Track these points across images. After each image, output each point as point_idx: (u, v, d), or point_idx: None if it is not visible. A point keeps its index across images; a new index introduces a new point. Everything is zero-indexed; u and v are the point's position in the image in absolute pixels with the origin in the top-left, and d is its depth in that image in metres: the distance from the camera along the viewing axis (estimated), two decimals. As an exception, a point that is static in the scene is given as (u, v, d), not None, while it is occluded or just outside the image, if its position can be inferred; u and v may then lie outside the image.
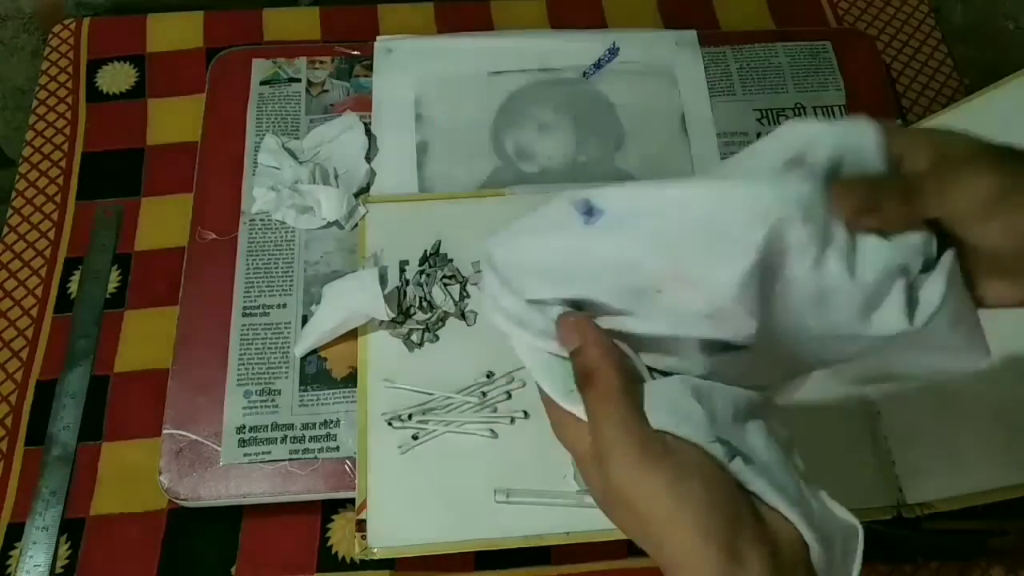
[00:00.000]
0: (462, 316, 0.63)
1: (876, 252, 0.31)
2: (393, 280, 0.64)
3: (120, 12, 0.83)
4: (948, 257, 0.32)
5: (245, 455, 0.59)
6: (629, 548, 0.58)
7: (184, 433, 0.60)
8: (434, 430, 0.59)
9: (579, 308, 0.34)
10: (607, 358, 0.33)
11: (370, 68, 0.75)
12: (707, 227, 0.31)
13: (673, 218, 0.31)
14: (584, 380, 0.33)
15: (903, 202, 0.31)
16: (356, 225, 0.67)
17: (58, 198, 0.70)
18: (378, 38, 0.76)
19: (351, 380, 0.62)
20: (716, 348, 0.33)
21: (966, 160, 0.32)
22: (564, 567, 0.58)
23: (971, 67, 0.84)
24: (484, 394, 0.60)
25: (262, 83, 0.74)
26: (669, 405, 0.32)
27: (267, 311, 0.64)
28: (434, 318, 0.63)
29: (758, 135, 0.74)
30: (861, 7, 0.84)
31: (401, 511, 0.57)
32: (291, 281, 0.65)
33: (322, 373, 0.62)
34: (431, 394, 0.60)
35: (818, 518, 0.31)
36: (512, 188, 0.68)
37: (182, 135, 0.73)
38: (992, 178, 0.31)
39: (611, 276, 0.33)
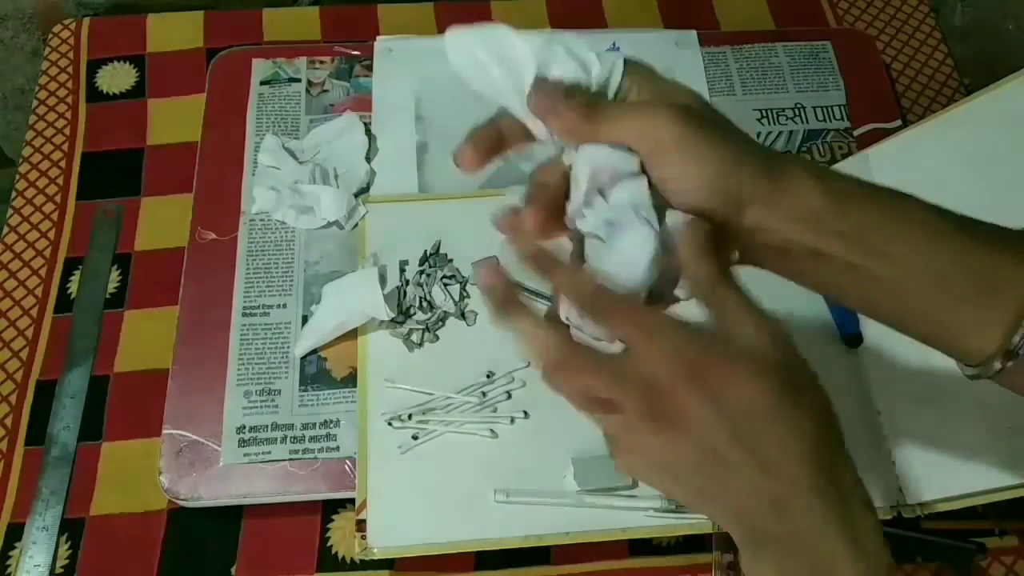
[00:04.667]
0: (462, 316, 0.63)
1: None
2: (393, 280, 0.64)
3: (120, 12, 0.83)
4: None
5: (245, 455, 0.59)
6: (629, 548, 0.58)
7: (184, 433, 0.60)
8: (434, 430, 0.59)
9: None
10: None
11: (370, 68, 0.75)
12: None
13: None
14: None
15: (583, 116, 0.33)
16: (356, 225, 0.67)
17: (58, 198, 0.70)
18: (378, 38, 0.76)
19: (351, 380, 0.62)
20: None
21: (662, 107, 0.33)
22: (564, 567, 0.58)
23: (971, 67, 0.84)
24: (484, 394, 0.60)
25: (262, 83, 0.74)
26: None
27: (267, 311, 0.64)
28: (434, 318, 0.63)
29: (758, 135, 0.74)
30: (861, 7, 0.84)
31: (401, 511, 0.57)
32: (291, 281, 0.65)
33: (322, 373, 0.62)
34: (431, 394, 0.60)
35: None
36: (512, 188, 0.68)
37: (182, 135, 0.73)
38: (672, 127, 0.33)
39: None
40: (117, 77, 0.76)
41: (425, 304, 0.63)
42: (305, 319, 0.64)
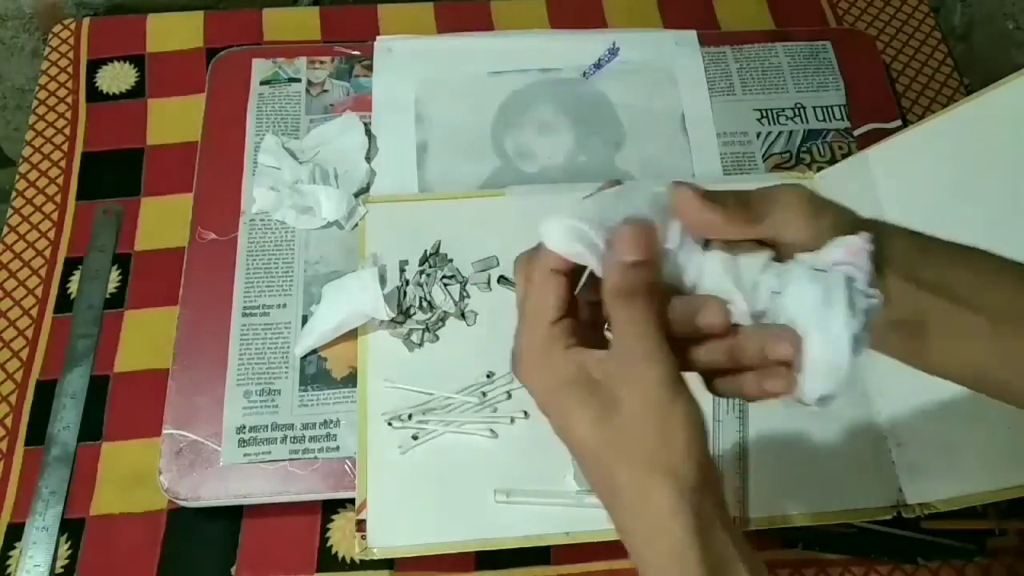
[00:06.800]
0: (462, 316, 0.63)
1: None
2: (393, 280, 0.64)
3: (120, 12, 0.83)
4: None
5: (245, 455, 0.59)
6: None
7: (184, 433, 0.60)
8: (434, 430, 0.59)
9: None
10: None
11: (370, 68, 0.75)
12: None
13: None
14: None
15: (741, 208, 0.33)
16: (356, 225, 0.67)
17: (58, 198, 0.70)
18: (378, 38, 0.76)
19: (351, 380, 0.62)
20: None
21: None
22: (564, 567, 0.58)
23: (971, 67, 0.84)
24: (484, 394, 0.60)
25: (262, 83, 0.74)
26: None
27: (267, 311, 0.64)
28: (434, 318, 0.63)
29: (758, 135, 0.74)
30: (861, 7, 0.85)
31: (401, 511, 0.57)
32: (291, 281, 0.65)
33: (322, 373, 0.62)
34: (431, 394, 0.60)
35: None
36: (512, 188, 0.68)
37: (182, 135, 0.73)
38: (801, 196, 0.34)
39: None
40: (117, 77, 0.76)
41: (425, 304, 0.63)
42: (305, 319, 0.64)
